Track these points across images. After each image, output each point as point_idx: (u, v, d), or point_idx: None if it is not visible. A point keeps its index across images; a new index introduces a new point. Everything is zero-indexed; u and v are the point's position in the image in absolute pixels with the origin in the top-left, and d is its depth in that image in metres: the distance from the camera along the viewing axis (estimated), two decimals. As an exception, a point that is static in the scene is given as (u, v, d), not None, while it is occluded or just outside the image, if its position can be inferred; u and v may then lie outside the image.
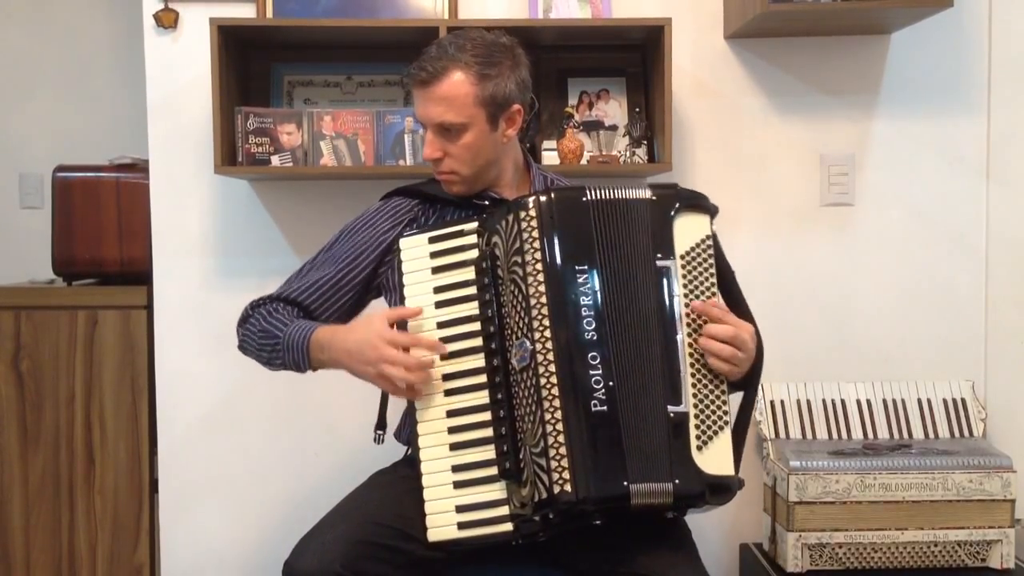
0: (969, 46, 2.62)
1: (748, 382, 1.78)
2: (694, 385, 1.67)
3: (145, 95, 2.57)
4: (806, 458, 2.32)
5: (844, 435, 2.48)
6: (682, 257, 1.71)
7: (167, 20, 2.54)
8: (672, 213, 1.72)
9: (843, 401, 2.52)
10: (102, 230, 2.64)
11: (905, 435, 2.49)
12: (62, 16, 3.41)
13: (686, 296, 1.69)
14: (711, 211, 1.77)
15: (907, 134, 2.63)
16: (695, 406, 1.66)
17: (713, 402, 1.68)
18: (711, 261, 1.73)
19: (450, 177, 1.91)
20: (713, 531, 2.59)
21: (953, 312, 2.65)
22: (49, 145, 3.33)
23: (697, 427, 1.65)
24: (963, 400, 2.52)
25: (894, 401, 2.52)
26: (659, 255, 1.70)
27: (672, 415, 1.64)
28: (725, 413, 1.68)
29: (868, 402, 2.52)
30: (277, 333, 1.87)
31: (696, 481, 1.63)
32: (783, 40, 2.60)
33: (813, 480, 2.29)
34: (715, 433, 1.66)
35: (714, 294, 1.71)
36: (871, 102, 2.63)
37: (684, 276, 1.70)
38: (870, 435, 2.49)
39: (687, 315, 1.69)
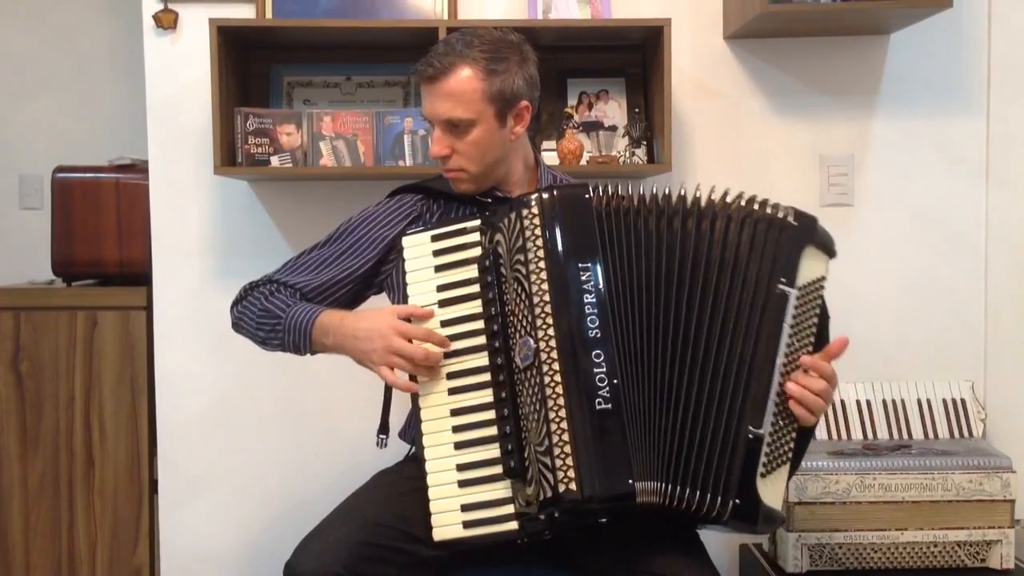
0: (969, 46, 2.63)
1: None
2: (775, 414, 1.66)
3: (144, 96, 2.57)
4: (806, 458, 2.30)
5: (844, 435, 2.48)
6: (800, 289, 1.69)
7: (166, 21, 2.54)
8: (806, 245, 1.71)
9: (843, 401, 2.51)
10: (101, 231, 2.64)
11: (905, 435, 2.49)
12: (61, 17, 3.40)
13: (791, 328, 1.68)
14: (832, 255, 1.76)
15: (907, 134, 2.64)
16: (771, 434, 1.65)
17: (785, 435, 1.67)
18: (819, 302, 1.72)
19: (458, 175, 1.90)
20: (713, 532, 2.58)
21: (953, 312, 2.65)
22: (48, 146, 3.32)
23: (767, 455, 1.64)
24: (963, 400, 2.52)
25: (894, 401, 2.52)
26: (783, 279, 1.68)
27: (751, 435, 1.64)
28: (791, 450, 1.68)
29: (868, 402, 2.52)
30: (279, 313, 1.86)
31: (755, 505, 1.63)
32: (782, 40, 2.61)
33: (813, 480, 2.29)
34: (778, 466, 1.66)
35: (812, 334, 1.71)
36: (871, 102, 2.63)
37: (796, 308, 1.68)
38: (870, 435, 2.49)
39: (787, 346, 1.67)
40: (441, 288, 1.76)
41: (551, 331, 1.64)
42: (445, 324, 1.74)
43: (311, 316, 1.83)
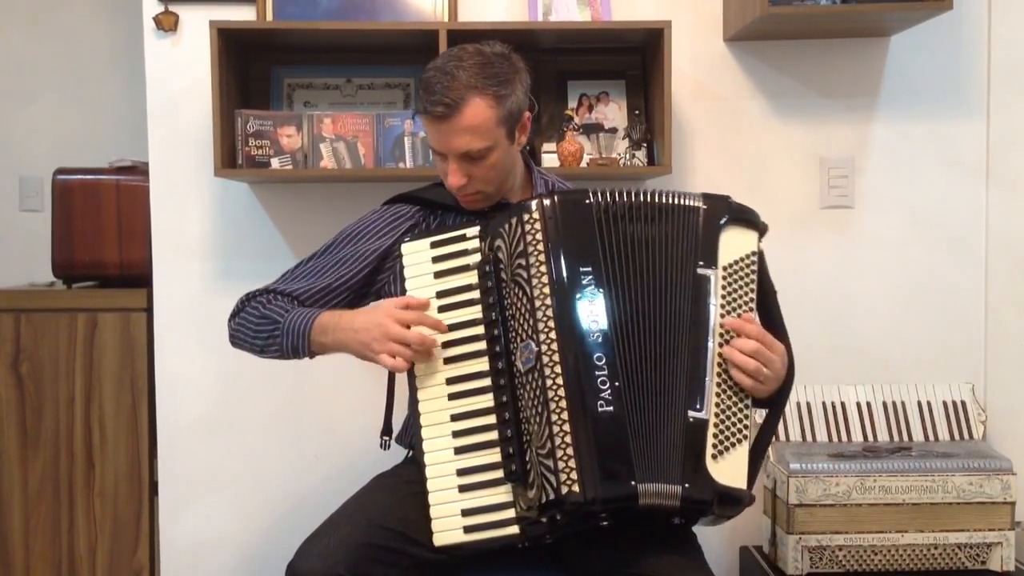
0: (969, 49, 2.63)
1: (774, 402, 1.78)
2: (718, 395, 1.67)
3: (145, 98, 2.57)
4: (806, 461, 2.32)
5: (844, 438, 2.48)
6: (724, 268, 1.72)
7: (167, 23, 2.54)
8: (721, 224, 1.74)
9: (843, 404, 2.51)
10: (102, 233, 2.64)
11: (905, 438, 2.49)
12: (62, 19, 3.40)
13: (723, 308, 1.70)
14: (760, 228, 1.78)
15: (907, 137, 2.64)
16: (716, 415, 1.66)
17: (735, 414, 1.68)
18: (753, 278, 1.73)
19: (475, 197, 1.90)
20: (713, 533, 2.58)
21: (953, 314, 2.65)
22: (49, 148, 3.32)
23: (715, 436, 1.65)
24: (963, 402, 2.52)
25: (894, 404, 2.52)
26: (701, 263, 1.71)
27: (691, 419, 1.65)
28: (746, 427, 1.68)
29: (868, 404, 2.52)
30: (277, 318, 1.88)
31: (706, 488, 1.63)
32: (783, 43, 2.61)
33: (813, 483, 2.29)
34: (733, 445, 1.66)
35: (751, 310, 1.72)
36: (871, 105, 2.63)
37: (724, 288, 1.71)
38: (870, 438, 2.49)
39: (721, 325, 1.69)
40: (440, 294, 1.77)
41: (553, 334, 1.65)
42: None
43: (310, 316, 1.85)
